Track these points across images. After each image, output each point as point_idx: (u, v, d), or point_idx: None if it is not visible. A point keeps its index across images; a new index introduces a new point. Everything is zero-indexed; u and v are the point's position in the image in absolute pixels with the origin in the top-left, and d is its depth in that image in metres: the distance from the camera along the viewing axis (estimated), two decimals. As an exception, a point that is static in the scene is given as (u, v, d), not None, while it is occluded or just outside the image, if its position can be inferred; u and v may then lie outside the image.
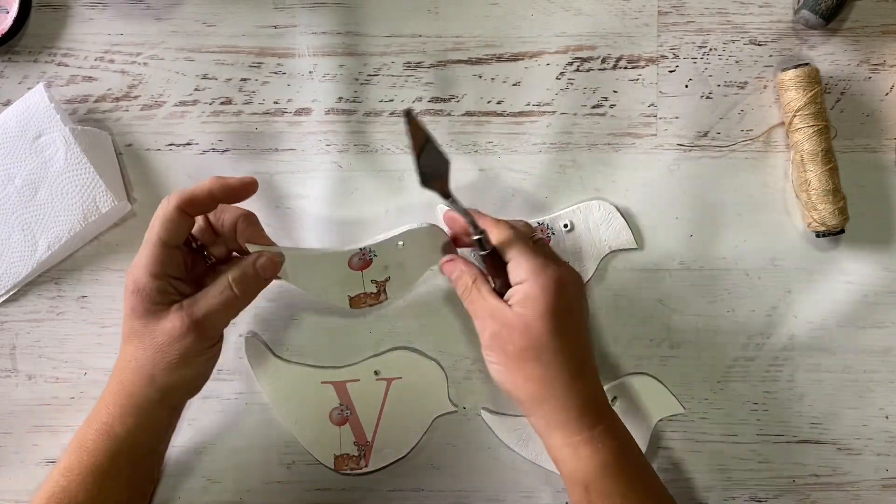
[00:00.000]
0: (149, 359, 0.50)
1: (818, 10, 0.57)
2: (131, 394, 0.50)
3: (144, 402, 0.50)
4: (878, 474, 0.61)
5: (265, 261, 0.51)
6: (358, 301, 0.56)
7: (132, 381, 0.50)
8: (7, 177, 0.57)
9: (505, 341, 0.50)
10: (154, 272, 0.49)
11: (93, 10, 0.60)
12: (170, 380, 0.50)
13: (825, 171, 0.58)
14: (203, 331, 0.49)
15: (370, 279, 0.56)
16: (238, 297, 0.50)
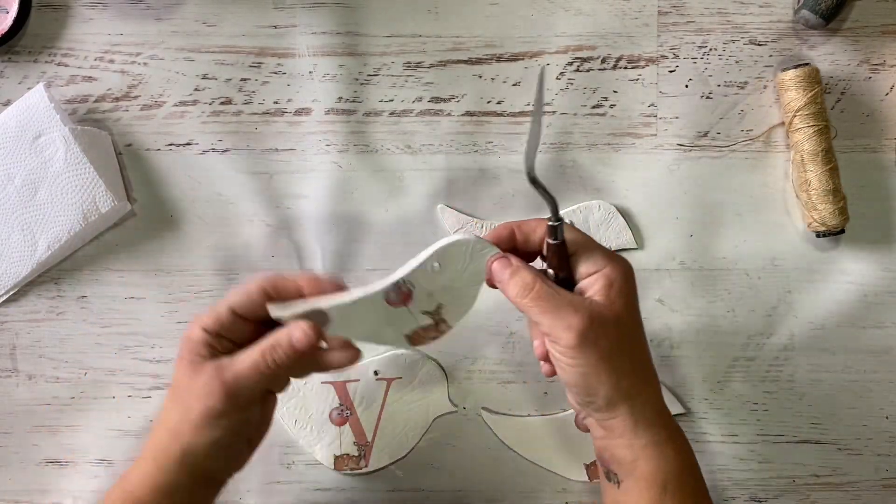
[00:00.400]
0: (178, 413, 0.48)
1: (818, 10, 0.57)
2: (156, 453, 0.49)
3: (167, 463, 0.48)
4: (878, 474, 0.61)
5: (300, 334, 0.48)
6: (417, 338, 0.51)
7: (160, 439, 0.49)
8: (7, 177, 0.57)
9: (598, 336, 0.45)
10: (208, 327, 0.48)
11: (93, 10, 0.60)
12: (192, 439, 0.47)
13: (825, 171, 0.58)
14: (229, 391, 0.46)
15: (420, 311, 0.50)
16: (269, 366, 0.47)
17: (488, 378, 0.61)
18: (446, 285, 0.50)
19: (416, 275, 0.49)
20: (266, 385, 0.49)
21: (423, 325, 0.50)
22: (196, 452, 0.48)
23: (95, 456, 0.61)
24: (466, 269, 0.50)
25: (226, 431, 0.48)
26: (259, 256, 0.61)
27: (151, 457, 0.49)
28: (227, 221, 0.60)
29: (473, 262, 0.49)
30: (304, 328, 0.48)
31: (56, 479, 0.61)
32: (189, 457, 0.48)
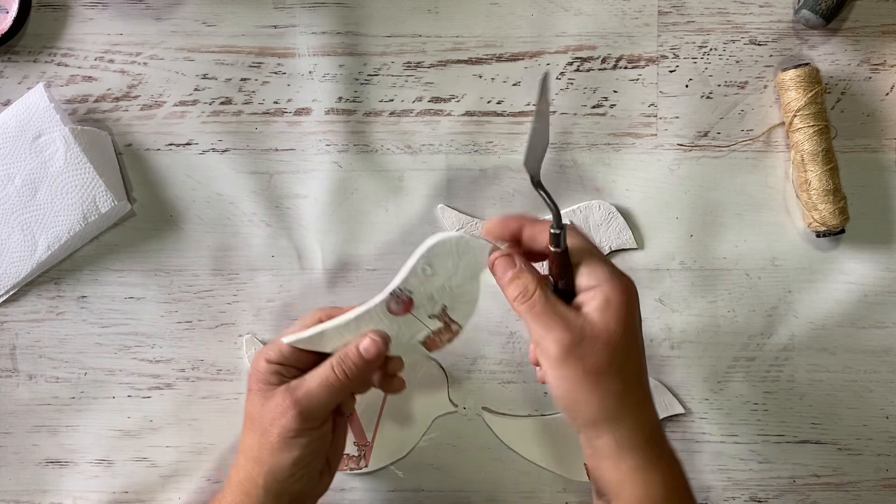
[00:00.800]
0: (256, 440, 0.50)
1: (818, 9, 0.57)
2: (241, 481, 0.50)
3: (252, 489, 0.50)
4: (878, 474, 0.61)
5: (367, 341, 0.50)
6: (433, 343, 0.52)
7: (243, 467, 0.50)
8: (7, 177, 0.57)
9: (584, 354, 0.44)
10: (271, 358, 0.50)
11: (93, 10, 0.60)
12: (273, 462, 0.49)
13: (825, 171, 0.58)
14: (302, 410, 0.48)
15: (426, 316, 0.50)
16: (340, 379, 0.49)
17: (488, 378, 0.61)
18: (444, 286, 0.50)
19: (410, 281, 0.49)
20: (337, 399, 0.50)
21: (434, 330, 0.51)
22: (279, 474, 0.49)
23: (95, 456, 0.61)
24: (458, 266, 0.49)
25: (305, 450, 0.49)
26: (259, 256, 0.61)
27: (237, 487, 0.51)
28: (227, 221, 0.60)
29: (463, 257, 0.49)
30: (373, 337, 0.50)
31: (56, 479, 0.61)
32: (273, 481, 0.49)
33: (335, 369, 0.49)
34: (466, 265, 0.49)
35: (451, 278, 0.49)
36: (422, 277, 0.49)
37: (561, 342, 0.44)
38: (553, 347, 0.44)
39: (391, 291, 0.49)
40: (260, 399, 0.50)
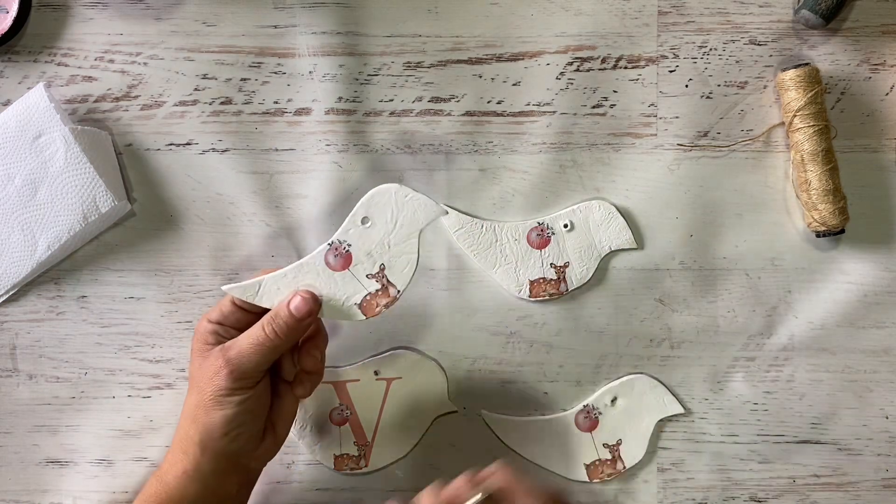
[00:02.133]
0: (194, 399, 0.51)
1: (818, 9, 0.57)
2: (180, 440, 0.51)
3: (189, 446, 0.51)
4: (878, 474, 0.61)
5: (299, 301, 0.50)
6: (370, 307, 0.51)
7: (182, 428, 0.52)
8: (7, 177, 0.57)
9: None
10: (212, 318, 0.52)
11: (93, 10, 0.60)
12: (207, 420, 0.50)
13: (825, 171, 0.58)
14: (233, 370, 0.49)
15: (364, 275, 0.50)
16: (270, 338, 0.49)
17: (488, 378, 0.61)
18: (382, 241, 0.50)
19: (348, 233, 0.50)
20: (268, 358, 0.50)
21: (371, 291, 0.51)
22: (213, 432, 0.50)
23: (95, 456, 0.61)
24: (397, 219, 0.50)
25: (237, 408, 0.50)
26: (259, 256, 0.61)
27: (177, 445, 0.52)
28: (227, 221, 0.60)
29: (402, 210, 0.50)
30: (304, 295, 0.50)
31: (56, 479, 0.61)
32: (209, 438, 0.50)
33: (265, 328, 0.49)
34: (405, 220, 0.50)
35: (389, 233, 0.50)
36: (360, 229, 0.50)
37: None
38: None
39: (329, 242, 0.50)
40: (199, 359, 0.51)
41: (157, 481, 0.52)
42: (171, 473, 0.51)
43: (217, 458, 0.51)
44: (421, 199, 0.50)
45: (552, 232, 0.60)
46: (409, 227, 0.50)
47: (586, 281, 0.60)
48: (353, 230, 0.50)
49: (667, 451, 0.61)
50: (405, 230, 0.50)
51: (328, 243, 0.50)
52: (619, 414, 0.60)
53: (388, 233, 0.50)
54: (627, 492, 0.61)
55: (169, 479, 0.51)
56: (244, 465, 0.53)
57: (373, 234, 0.50)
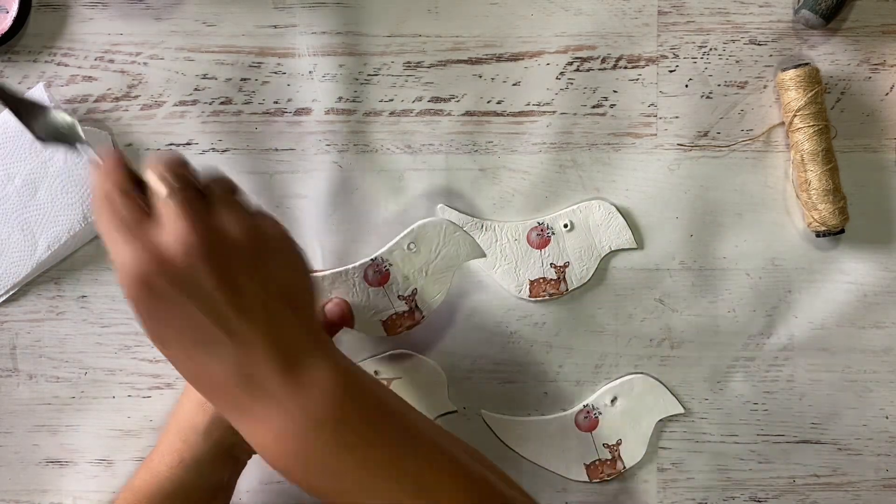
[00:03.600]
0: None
1: (818, 9, 0.57)
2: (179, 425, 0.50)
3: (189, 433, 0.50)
4: (878, 474, 0.61)
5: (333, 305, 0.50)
6: (393, 326, 0.53)
7: (186, 411, 0.51)
8: (7, 176, 0.57)
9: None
10: None
11: (93, 10, 0.60)
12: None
13: (825, 171, 0.58)
14: None
15: (397, 295, 0.52)
16: None
17: (488, 378, 0.61)
18: (422, 268, 0.53)
19: (393, 254, 0.52)
20: None
21: (398, 311, 0.53)
22: (221, 421, 0.49)
23: (95, 456, 0.61)
24: (440, 251, 0.53)
25: None
26: (259, 256, 0.61)
27: (174, 434, 0.51)
28: (227, 221, 0.60)
29: (447, 245, 0.53)
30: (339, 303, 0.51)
31: (56, 479, 0.61)
32: (214, 428, 0.50)
33: None
34: (448, 253, 0.53)
35: (430, 262, 0.53)
36: (405, 253, 0.52)
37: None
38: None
39: (373, 258, 0.52)
40: None
41: (148, 473, 0.51)
42: (165, 463, 0.50)
43: (217, 448, 0.50)
44: (467, 239, 0.53)
45: (552, 232, 0.60)
46: (449, 260, 0.53)
47: (586, 281, 0.60)
48: (398, 252, 0.52)
49: (667, 451, 0.61)
50: (444, 262, 0.53)
51: (371, 258, 0.52)
52: (619, 414, 0.60)
53: (429, 262, 0.53)
54: (627, 492, 0.61)
55: (161, 469, 0.50)
56: (237, 455, 0.53)
57: (415, 260, 0.52)
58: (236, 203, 0.43)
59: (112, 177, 0.41)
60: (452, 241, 0.52)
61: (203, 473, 0.51)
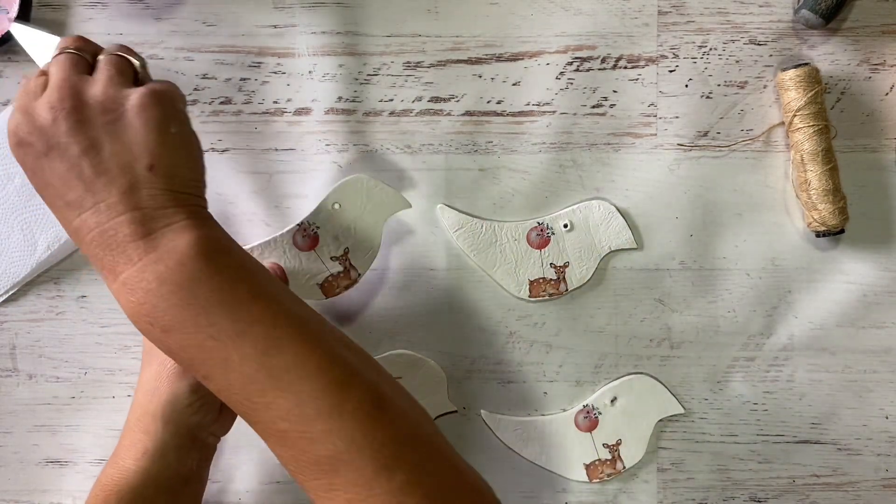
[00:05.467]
0: (153, 372, 0.50)
1: (818, 9, 0.57)
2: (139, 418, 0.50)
3: (150, 424, 0.50)
4: (878, 474, 0.61)
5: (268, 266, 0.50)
6: (331, 288, 0.53)
7: (140, 404, 0.51)
8: (6, 176, 0.57)
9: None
10: None
11: (93, 10, 0.60)
12: (171, 390, 0.49)
13: (825, 171, 0.58)
14: None
15: (329, 257, 0.52)
16: None
17: (488, 378, 0.61)
18: (350, 226, 0.53)
19: (319, 215, 0.53)
20: None
21: (333, 273, 0.53)
22: (177, 403, 0.49)
23: (95, 456, 0.61)
24: (365, 207, 0.53)
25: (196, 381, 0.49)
26: (259, 256, 0.61)
27: (134, 426, 0.50)
28: (227, 221, 0.60)
29: (371, 200, 0.53)
30: (272, 267, 0.51)
31: (56, 479, 0.61)
32: (172, 410, 0.49)
33: None
34: (373, 209, 0.53)
35: (357, 219, 0.53)
36: (330, 213, 0.53)
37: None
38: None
39: (299, 223, 0.52)
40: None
41: (114, 469, 0.50)
42: (130, 457, 0.50)
43: (178, 433, 0.50)
44: (389, 191, 0.54)
45: (552, 232, 0.60)
46: (376, 215, 0.53)
47: (586, 281, 0.60)
48: (324, 213, 0.53)
49: (667, 451, 0.61)
50: (372, 218, 0.53)
51: (297, 224, 0.52)
52: (618, 414, 0.60)
53: (356, 219, 0.53)
54: (627, 492, 0.61)
55: (128, 463, 0.50)
56: (202, 439, 0.52)
57: (341, 219, 0.53)
58: (114, 73, 0.45)
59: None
60: (376, 195, 0.53)
61: (169, 462, 0.50)
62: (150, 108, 0.44)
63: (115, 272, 0.42)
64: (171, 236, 0.42)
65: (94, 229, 0.42)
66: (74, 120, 0.43)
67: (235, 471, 0.61)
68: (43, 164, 0.43)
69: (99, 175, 0.42)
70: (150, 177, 0.43)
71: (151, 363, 0.51)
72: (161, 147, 0.44)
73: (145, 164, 0.43)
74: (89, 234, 0.43)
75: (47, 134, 0.43)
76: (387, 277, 0.60)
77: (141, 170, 0.43)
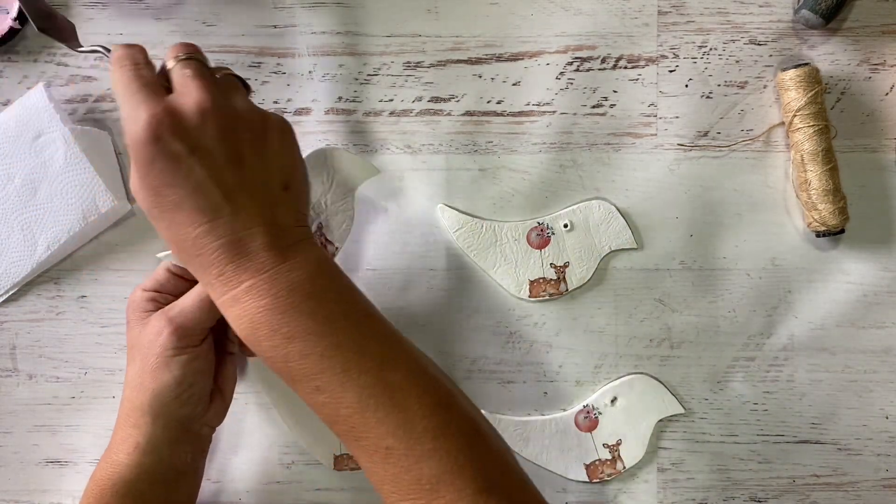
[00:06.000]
0: (137, 367, 0.50)
1: (818, 9, 0.57)
2: (128, 413, 0.50)
3: (139, 418, 0.50)
4: (878, 474, 0.61)
5: None
6: None
7: (128, 399, 0.51)
8: (6, 176, 0.57)
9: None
10: (147, 287, 0.52)
11: (93, 10, 0.60)
12: (155, 385, 0.49)
13: (825, 171, 0.58)
14: (177, 328, 0.49)
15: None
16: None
17: (488, 378, 0.61)
18: (320, 200, 0.51)
19: None
20: (212, 315, 0.49)
21: None
22: (163, 397, 0.49)
23: (95, 456, 0.61)
24: (333, 179, 0.52)
25: (185, 368, 0.49)
26: (259, 256, 0.61)
27: (124, 421, 0.51)
28: (226, 221, 0.60)
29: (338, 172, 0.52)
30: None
31: (56, 479, 0.61)
32: (159, 404, 0.49)
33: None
34: (341, 179, 0.52)
35: (326, 193, 0.51)
36: None
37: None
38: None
39: None
40: (138, 327, 0.50)
41: (107, 463, 0.50)
42: (123, 451, 0.50)
43: (169, 426, 0.50)
44: (355, 159, 0.52)
45: (552, 232, 0.60)
46: (344, 186, 0.52)
47: (586, 281, 0.60)
48: None
49: (667, 451, 0.61)
50: (341, 189, 0.52)
51: None
52: (618, 414, 0.60)
53: (324, 192, 0.51)
54: (627, 492, 0.61)
55: (121, 457, 0.50)
56: (195, 431, 0.52)
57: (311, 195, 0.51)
58: (243, 90, 0.47)
59: (136, 48, 0.46)
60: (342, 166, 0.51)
61: (162, 456, 0.50)
62: (289, 133, 0.47)
63: (239, 280, 0.43)
64: (302, 250, 0.44)
65: (223, 238, 0.43)
66: (226, 127, 0.43)
67: (235, 471, 0.61)
68: (181, 164, 0.42)
69: (241, 186, 0.44)
70: (284, 195, 0.45)
71: (135, 358, 0.50)
72: (295, 170, 0.47)
73: (281, 183, 0.46)
74: (216, 241, 0.43)
75: (193, 135, 0.42)
76: (387, 277, 0.60)
77: (277, 188, 0.45)
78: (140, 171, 0.43)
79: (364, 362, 0.43)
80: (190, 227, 0.43)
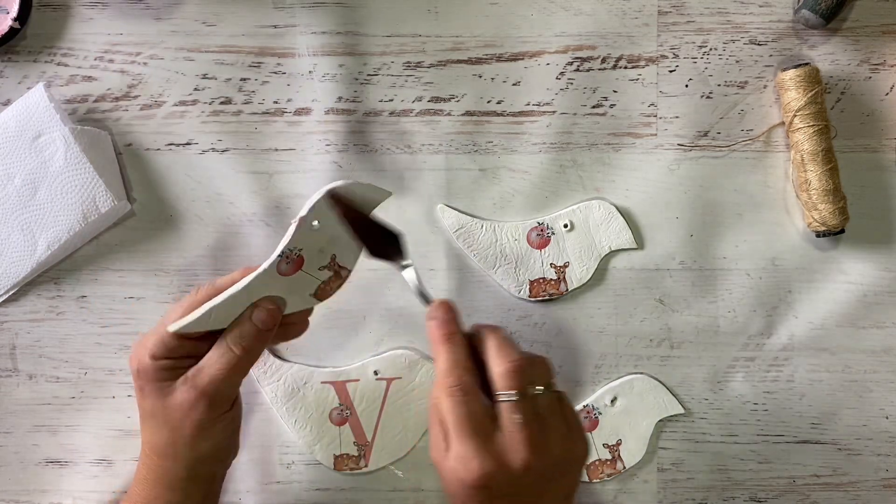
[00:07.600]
0: (167, 438, 0.49)
1: (818, 9, 0.57)
2: (159, 477, 0.50)
3: (175, 482, 0.50)
4: (878, 474, 0.61)
5: (262, 313, 0.48)
6: (324, 293, 0.51)
7: (159, 465, 0.50)
8: (7, 176, 0.57)
9: (494, 495, 0.44)
10: (157, 355, 0.48)
11: (93, 10, 0.60)
12: (193, 454, 0.49)
13: (825, 171, 0.58)
14: (212, 399, 0.48)
15: (317, 268, 0.50)
16: (240, 357, 0.48)
17: (488, 378, 0.61)
18: (332, 236, 0.50)
19: (298, 240, 0.49)
20: (242, 376, 0.49)
21: (324, 280, 0.51)
22: (202, 463, 0.50)
23: (95, 456, 0.61)
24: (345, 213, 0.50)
25: (221, 434, 0.50)
26: (259, 256, 0.60)
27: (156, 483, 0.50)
28: (227, 221, 0.60)
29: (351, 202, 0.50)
30: (268, 307, 0.49)
31: (56, 479, 0.61)
32: (197, 468, 0.50)
33: (233, 348, 0.48)
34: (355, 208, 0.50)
35: (337, 228, 0.50)
36: (311, 233, 0.49)
37: (474, 472, 0.43)
38: (465, 471, 0.44)
39: (280, 253, 0.48)
40: (158, 396, 0.48)
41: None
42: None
43: (206, 482, 0.51)
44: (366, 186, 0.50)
45: (552, 232, 0.60)
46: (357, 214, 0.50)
47: (586, 281, 0.60)
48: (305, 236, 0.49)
49: (667, 451, 0.61)
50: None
51: (278, 255, 0.48)
52: (618, 414, 0.60)
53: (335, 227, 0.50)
54: (627, 492, 0.61)
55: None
56: (221, 475, 0.54)
57: (323, 234, 0.50)
58: (561, 418, 0.46)
59: (460, 366, 0.46)
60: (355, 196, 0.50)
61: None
62: (583, 464, 0.48)
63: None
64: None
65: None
66: (543, 478, 0.44)
67: (235, 471, 0.61)
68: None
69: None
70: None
71: (160, 427, 0.49)
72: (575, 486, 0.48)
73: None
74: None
75: (515, 487, 0.44)
76: (387, 277, 0.60)
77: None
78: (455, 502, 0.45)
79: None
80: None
